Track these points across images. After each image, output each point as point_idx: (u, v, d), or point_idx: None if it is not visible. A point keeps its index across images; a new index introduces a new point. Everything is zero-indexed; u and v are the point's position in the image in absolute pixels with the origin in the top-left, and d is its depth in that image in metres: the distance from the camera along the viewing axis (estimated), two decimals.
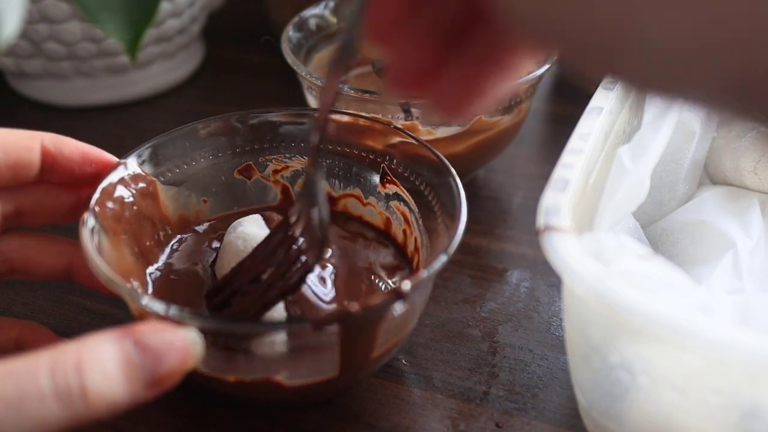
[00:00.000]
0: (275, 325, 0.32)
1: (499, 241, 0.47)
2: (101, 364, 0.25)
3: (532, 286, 0.43)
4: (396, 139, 0.39)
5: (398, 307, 0.31)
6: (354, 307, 0.29)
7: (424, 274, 0.31)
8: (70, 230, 0.38)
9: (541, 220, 0.28)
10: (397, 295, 0.30)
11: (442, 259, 0.31)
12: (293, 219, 0.33)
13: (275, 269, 0.32)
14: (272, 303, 0.32)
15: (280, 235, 0.33)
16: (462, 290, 0.43)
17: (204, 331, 0.28)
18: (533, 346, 0.39)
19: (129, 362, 0.25)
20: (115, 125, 0.59)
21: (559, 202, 0.28)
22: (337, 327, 0.30)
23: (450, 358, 0.39)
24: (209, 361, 0.31)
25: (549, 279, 0.43)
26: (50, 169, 0.34)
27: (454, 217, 0.34)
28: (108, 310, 0.41)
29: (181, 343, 0.27)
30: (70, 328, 0.38)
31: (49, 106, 0.60)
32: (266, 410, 0.36)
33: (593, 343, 0.28)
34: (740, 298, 0.33)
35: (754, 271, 0.36)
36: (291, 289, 0.32)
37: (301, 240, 0.32)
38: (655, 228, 0.41)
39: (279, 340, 0.31)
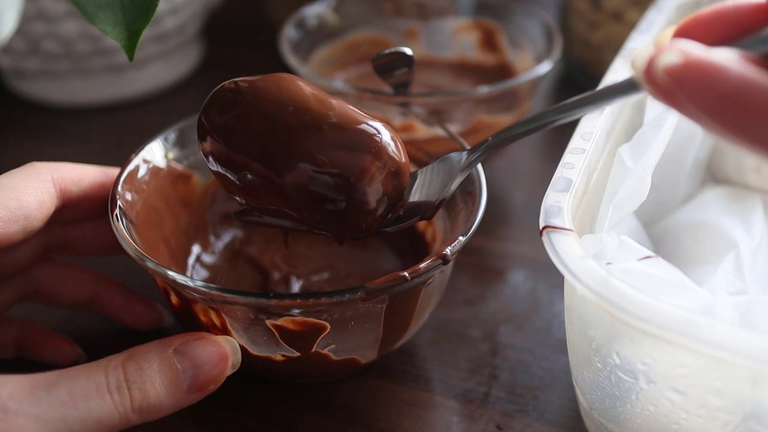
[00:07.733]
0: (329, 294, 0.30)
1: (500, 241, 0.47)
2: (145, 371, 0.27)
3: (533, 286, 0.43)
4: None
5: (438, 275, 0.32)
6: (405, 273, 0.29)
7: (461, 238, 0.31)
8: (97, 260, 0.39)
9: (542, 220, 0.27)
10: (442, 259, 0.30)
11: (476, 220, 0.32)
12: None
13: None
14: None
15: None
16: (462, 291, 0.43)
17: (255, 308, 0.29)
18: (534, 347, 0.39)
19: (171, 370, 0.28)
20: (113, 125, 0.58)
21: (560, 202, 0.28)
22: (388, 294, 0.30)
23: (450, 359, 0.38)
24: (260, 342, 0.31)
25: (550, 279, 0.43)
26: None
27: (474, 182, 0.34)
28: None
29: (219, 352, 0.29)
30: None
31: (47, 106, 0.60)
32: (266, 411, 0.36)
33: (594, 344, 0.28)
34: (742, 299, 0.33)
35: (756, 271, 0.36)
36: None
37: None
38: (657, 228, 0.40)
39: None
